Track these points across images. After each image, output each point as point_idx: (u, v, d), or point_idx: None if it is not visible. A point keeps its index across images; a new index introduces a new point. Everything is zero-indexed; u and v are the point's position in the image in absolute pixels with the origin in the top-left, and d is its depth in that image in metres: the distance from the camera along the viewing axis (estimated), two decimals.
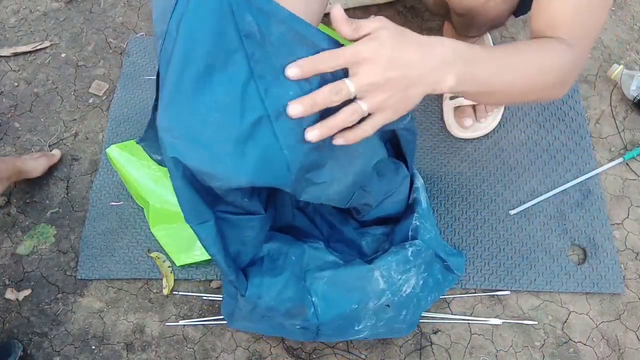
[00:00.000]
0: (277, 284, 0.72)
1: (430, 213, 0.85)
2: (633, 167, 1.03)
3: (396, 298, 0.75)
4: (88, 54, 1.23)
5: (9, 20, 1.30)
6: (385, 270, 0.73)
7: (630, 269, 0.94)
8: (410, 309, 0.79)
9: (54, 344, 0.94)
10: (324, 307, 0.73)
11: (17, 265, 1.01)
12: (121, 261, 0.99)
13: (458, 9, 0.86)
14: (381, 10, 1.21)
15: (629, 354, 0.89)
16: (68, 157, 1.11)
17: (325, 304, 0.73)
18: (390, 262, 0.74)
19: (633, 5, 1.20)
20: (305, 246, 0.78)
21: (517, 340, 0.90)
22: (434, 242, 0.81)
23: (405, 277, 0.75)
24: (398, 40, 0.51)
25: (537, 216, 0.98)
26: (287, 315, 0.74)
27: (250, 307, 0.73)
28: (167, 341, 0.93)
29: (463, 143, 1.06)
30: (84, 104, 1.17)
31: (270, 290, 0.71)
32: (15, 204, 1.07)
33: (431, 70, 0.54)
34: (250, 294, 0.70)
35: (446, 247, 0.89)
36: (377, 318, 0.77)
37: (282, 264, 0.75)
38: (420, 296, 0.80)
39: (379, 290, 0.74)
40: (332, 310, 0.74)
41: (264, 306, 0.72)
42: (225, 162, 0.53)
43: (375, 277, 0.73)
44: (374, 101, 0.52)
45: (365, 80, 0.51)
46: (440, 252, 0.82)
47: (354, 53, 0.50)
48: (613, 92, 1.10)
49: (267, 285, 0.72)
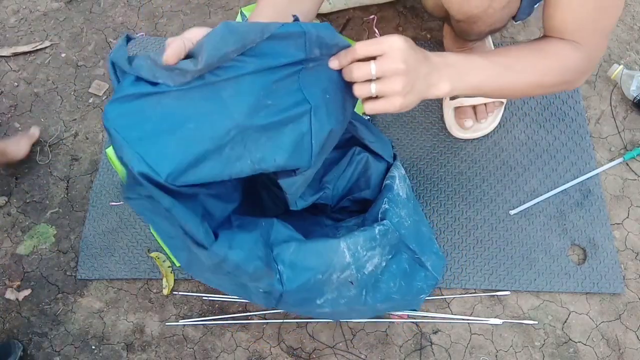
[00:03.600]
0: (249, 239, 0.73)
1: (409, 204, 0.85)
2: (633, 167, 1.03)
3: (359, 275, 0.76)
4: (88, 54, 1.23)
5: (9, 20, 1.30)
6: (352, 245, 0.74)
7: (630, 269, 0.94)
8: (369, 290, 0.80)
9: (54, 344, 0.94)
10: (289, 275, 0.74)
11: (17, 265, 1.01)
12: (121, 261, 0.99)
13: (457, 15, 0.86)
14: (381, 10, 1.21)
15: (629, 354, 0.89)
16: (68, 157, 1.11)
17: (291, 272, 0.74)
18: (357, 237, 0.75)
19: (633, 5, 1.20)
20: (275, 220, 0.79)
21: (517, 340, 0.90)
22: (405, 231, 0.82)
23: (370, 254, 0.76)
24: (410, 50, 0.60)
25: (537, 216, 0.98)
26: (253, 277, 0.73)
27: (216, 260, 0.71)
28: (167, 341, 0.93)
29: (463, 143, 1.06)
30: (84, 104, 1.17)
31: (242, 243, 0.71)
32: (15, 204, 1.07)
33: (427, 74, 0.62)
34: (219, 246, 0.69)
35: (427, 244, 0.89)
36: (339, 293, 0.78)
37: (253, 226, 0.76)
38: (379, 278, 0.80)
39: (345, 264, 0.74)
40: (297, 278, 0.74)
41: (232, 262, 0.70)
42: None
43: (342, 249, 0.74)
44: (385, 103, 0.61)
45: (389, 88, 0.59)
46: (412, 244, 0.82)
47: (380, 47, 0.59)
48: (613, 92, 1.10)
49: (238, 239, 0.72)
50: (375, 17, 1.21)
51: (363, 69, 0.59)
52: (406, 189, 0.87)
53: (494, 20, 0.85)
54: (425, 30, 1.20)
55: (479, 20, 0.84)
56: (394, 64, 0.58)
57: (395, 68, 0.58)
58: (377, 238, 0.76)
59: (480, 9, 0.81)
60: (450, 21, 0.93)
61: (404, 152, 1.05)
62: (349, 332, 0.92)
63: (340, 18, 1.21)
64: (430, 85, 0.63)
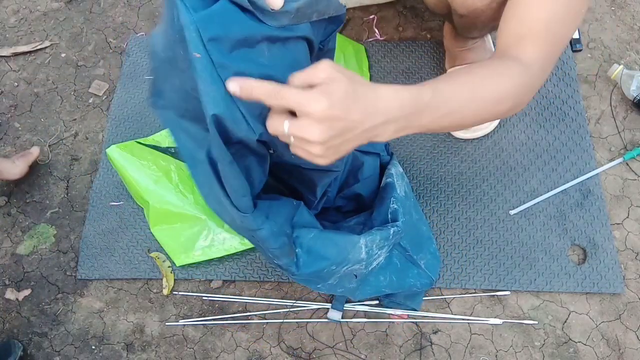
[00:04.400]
0: (283, 212, 0.72)
1: (406, 202, 0.86)
2: (633, 167, 1.03)
3: (365, 271, 0.77)
4: (88, 54, 1.23)
5: (9, 20, 1.30)
6: (370, 242, 0.75)
7: (630, 269, 0.94)
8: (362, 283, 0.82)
9: (54, 344, 0.94)
10: (305, 260, 0.74)
11: (17, 265, 1.01)
12: (121, 261, 0.99)
13: (460, 10, 0.85)
14: (381, 10, 1.21)
15: (629, 354, 0.89)
16: (68, 157, 1.11)
17: (307, 257, 0.74)
18: (375, 235, 0.75)
19: (633, 5, 1.20)
20: (302, 203, 0.78)
21: (517, 340, 0.90)
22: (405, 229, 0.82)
23: (379, 253, 0.77)
24: (348, 101, 0.50)
25: (537, 216, 0.98)
26: (275, 252, 0.73)
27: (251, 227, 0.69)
28: (167, 341, 0.93)
29: (463, 143, 1.06)
30: (84, 104, 1.17)
31: (277, 217, 0.70)
32: (15, 204, 1.07)
33: (371, 128, 0.53)
34: (257, 214, 0.68)
35: (425, 243, 0.89)
36: (339, 282, 0.79)
37: (285, 202, 0.75)
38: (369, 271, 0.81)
39: (359, 259, 0.75)
40: (312, 264, 0.74)
41: (263, 233, 0.69)
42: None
43: (360, 245, 0.74)
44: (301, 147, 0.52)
45: (301, 134, 0.50)
46: (403, 240, 0.83)
47: (300, 103, 0.49)
48: (613, 92, 1.10)
49: (274, 211, 0.70)
50: (375, 17, 1.21)
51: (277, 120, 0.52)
52: (404, 186, 0.87)
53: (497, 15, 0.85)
54: (425, 30, 1.20)
55: (481, 15, 0.84)
56: (313, 134, 0.50)
57: (315, 139, 0.50)
58: (390, 239, 0.77)
59: (483, 3, 0.81)
60: (452, 17, 0.92)
61: (403, 151, 1.05)
62: (349, 332, 0.92)
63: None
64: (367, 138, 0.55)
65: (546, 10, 0.67)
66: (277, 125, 0.52)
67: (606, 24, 1.18)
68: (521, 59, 0.67)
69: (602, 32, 1.17)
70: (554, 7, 0.67)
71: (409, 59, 1.15)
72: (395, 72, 1.14)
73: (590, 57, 1.14)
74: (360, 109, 0.51)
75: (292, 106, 0.50)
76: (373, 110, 0.52)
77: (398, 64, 1.15)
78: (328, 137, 0.50)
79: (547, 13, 0.67)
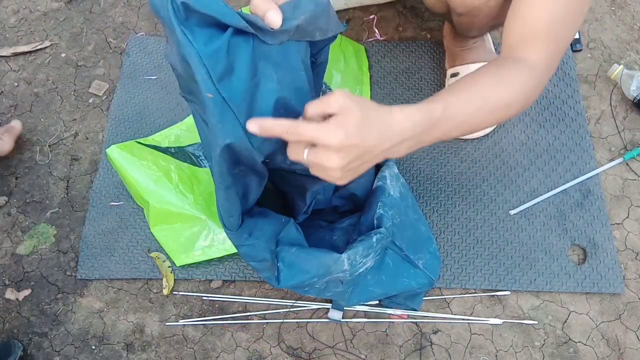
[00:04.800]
0: (268, 230, 0.75)
1: (401, 202, 0.86)
2: (633, 167, 1.03)
3: (351, 277, 0.79)
4: (88, 54, 1.23)
5: (9, 20, 1.30)
6: (352, 255, 0.76)
7: (630, 269, 0.94)
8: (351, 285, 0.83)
9: (54, 344, 0.94)
10: (286, 274, 0.77)
11: (17, 265, 1.01)
12: (121, 261, 0.99)
13: (459, 9, 0.86)
14: (381, 10, 1.21)
15: (629, 354, 0.89)
16: (68, 157, 1.11)
17: (289, 271, 0.77)
18: (357, 248, 0.76)
19: (633, 5, 1.20)
20: (292, 220, 0.81)
21: (517, 340, 0.90)
22: (395, 228, 0.83)
23: (365, 261, 0.78)
24: (362, 129, 0.53)
25: (537, 216, 0.98)
26: (257, 266, 0.77)
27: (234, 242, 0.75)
28: (167, 341, 0.93)
29: (463, 143, 1.06)
30: (84, 104, 1.17)
31: (260, 234, 0.74)
32: (15, 204, 1.07)
33: (386, 150, 0.57)
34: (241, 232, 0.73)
35: (424, 243, 0.89)
36: (326, 287, 0.81)
37: (273, 219, 0.79)
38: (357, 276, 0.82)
39: (342, 270, 0.77)
40: (293, 278, 0.77)
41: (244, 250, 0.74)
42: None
43: (342, 259, 0.76)
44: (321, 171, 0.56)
45: (321, 162, 0.54)
46: (399, 240, 0.83)
47: (318, 138, 0.52)
48: (613, 92, 1.10)
49: (259, 228, 0.74)
50: (375, 17, 1.21)
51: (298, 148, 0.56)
52: (399, 187, 0.87)
53: (496, 14, 0.85)
54: (425, 30, 1.20)
55: (480, 13, 0.84)
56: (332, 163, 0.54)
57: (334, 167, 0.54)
58: (374, 246, 0.78)
59: (481, 1, 0.81)
60: (451, 16, 0.93)
61: None
62: (349, 332, 0.92)
63: (340, 18, 1.21)
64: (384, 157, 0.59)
65: (547, 10, 0.67)
66: (297, 154, 0.56)
67: (606, 24, 1.18)
68: (526, 59, 0.69)
69: (602, 32, 1.17)
70: (554, 7, 0.67)
71: (409, 59, 1.15)
72: (395, 72, 1.14)
73: (590, 57, 1.14)
74: (375, 135, 0.54)
75: (309, 141, 0.54)
76: (388, 134, 0.55)
77: (398, 64, 1.15)
78: (346, 163, 0.54)
79: (548, 13, 0.68)
